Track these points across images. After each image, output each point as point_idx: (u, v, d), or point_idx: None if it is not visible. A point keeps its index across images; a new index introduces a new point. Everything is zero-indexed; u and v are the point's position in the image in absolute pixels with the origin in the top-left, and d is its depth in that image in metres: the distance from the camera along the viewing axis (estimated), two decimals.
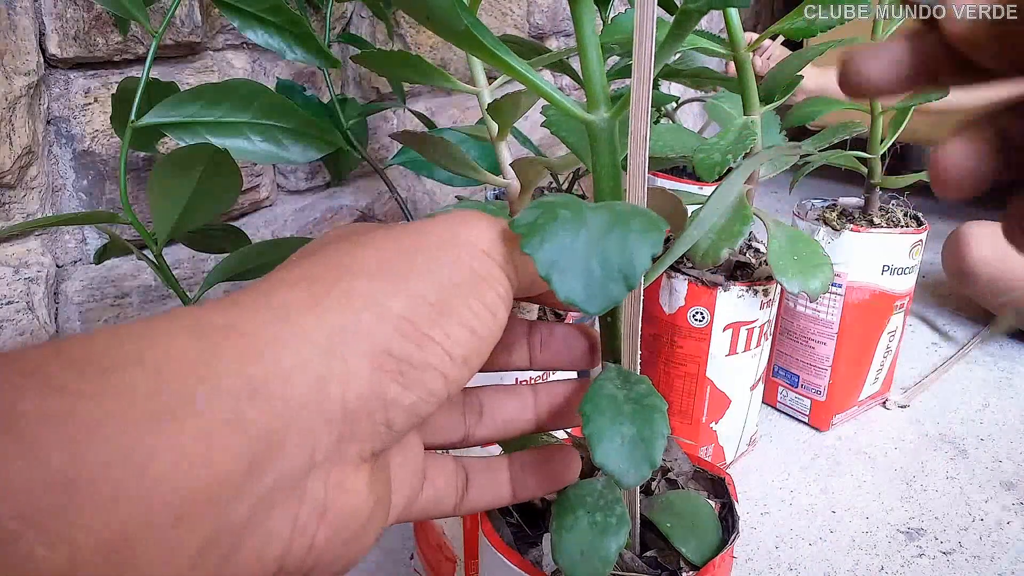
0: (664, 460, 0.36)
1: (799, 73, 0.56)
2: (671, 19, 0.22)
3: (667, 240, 0.69)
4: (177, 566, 0.14)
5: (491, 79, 0.54)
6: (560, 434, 0.35)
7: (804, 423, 0.77)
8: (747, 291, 0.59)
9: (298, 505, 0.17)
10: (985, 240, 0.84)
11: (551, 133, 0.33)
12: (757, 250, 0.66)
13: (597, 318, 0.25)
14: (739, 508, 0.33)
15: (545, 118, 0.34)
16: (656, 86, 0.74)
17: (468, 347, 0.19)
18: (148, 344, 0.15)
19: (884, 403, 0.81)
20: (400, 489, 0.22)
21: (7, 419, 0.13)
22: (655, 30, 0.21)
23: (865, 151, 0.71)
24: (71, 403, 0.13)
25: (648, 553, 0.31)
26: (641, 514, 0.31)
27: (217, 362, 0.15)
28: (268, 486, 0.16)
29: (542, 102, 0.31)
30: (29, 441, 0.12)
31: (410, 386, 0.18)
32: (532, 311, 0.50)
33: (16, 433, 0.12)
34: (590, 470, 0.30)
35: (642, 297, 0.26)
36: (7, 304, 0.54)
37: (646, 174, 0.24)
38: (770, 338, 0.66)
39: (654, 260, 0.20)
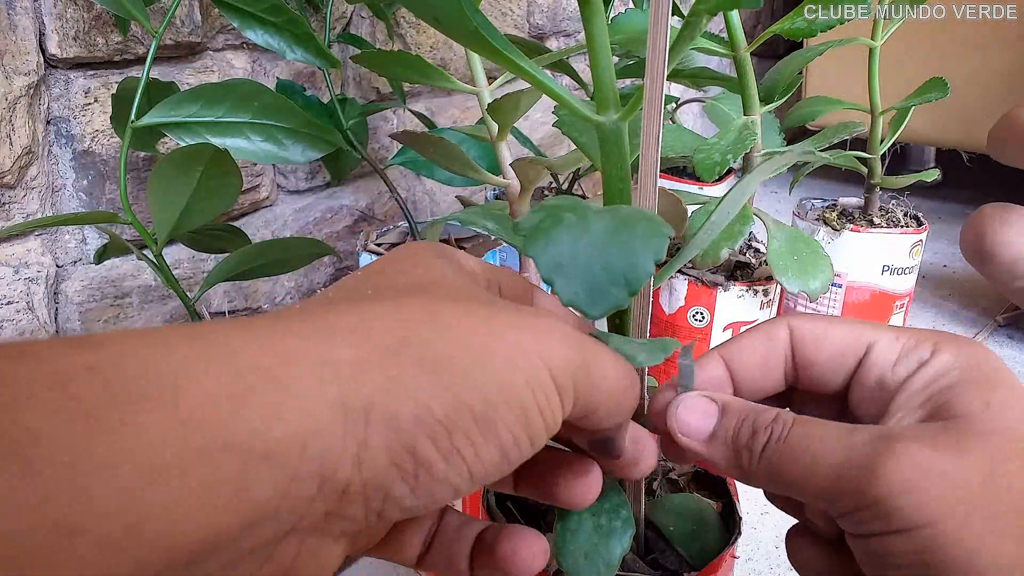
0: (665, 460, 0.36)
1: None
2: (673, 20, 0.22)
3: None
4: None
5: (491, 79, 0.54)
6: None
7: None
8: (747, 291, 0.59)
9: (262, 565, 0.16)
10: (1006, 222, 0.84)
11: (562, 133, 0.33)
12: (757, 250, 0.66)
13: (605, 320, 0.25)
14: (740, 508, 0.33)
15: (556, 118, 0.34)
16: None
17: (491, 470, 0.18)
18: (183, 379, 0.14)
19: None
20: (362, 537, 0.21)
21: (19, 438, 0.12)
22: (669, 31, 0.21)
23: (865, 151, 0.71)
24: (89, 434, 0.12)
25: (649, 555, 0.31)
26: (643, 516, 0.31)
27: (243, 413, 0.14)
28: (246, 547, 0.15)
29: (542, 102, 0.31)
30: (37, 471, 0.12)
31: (418, 492, 0.17)
32: None
33: (25, 460, 0.12)
34: None
35: (651, 300, 0.26)
36: (7, 304, 0.54)
37: (658, 175, 0.24)
38: None
39: (658, 266, 0.20)
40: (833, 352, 0.25)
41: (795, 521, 0.27)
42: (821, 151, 0.65)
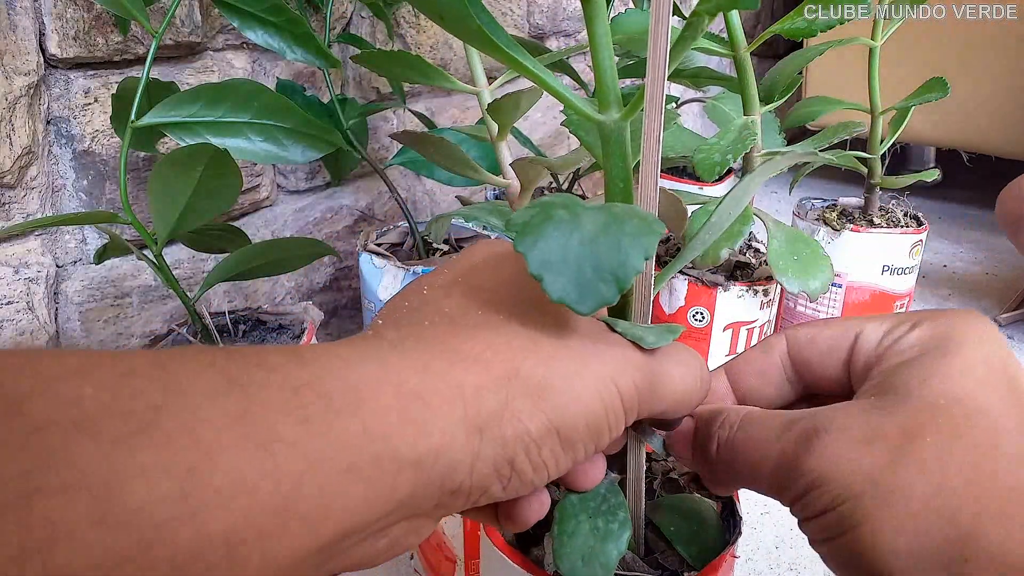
0: (666, 460, 0.36)
1: None
2: (673, 20, 0.22)
3: (667, 240, 0.69)
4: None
5: (491, 79, 0.54)
6: None
7: None
8: (747, 291, 0.59)
9: (379, 540, 0.19)
10: None
11: (570, 132, 0.33)
12: (757, 250, 0.66)
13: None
14: (740, 508, 0.33)
15: (557, 118, 0.34)
16: None
17: (563, 472, 0.21)
18: (363, 396, 0.18)
19: None
20: None
21: (267, 439, 0.16)
22: (670, 30, 0.21)
23: (865, 151, 0.71)
24: (309, 436, 0.16)
25: (650, 555, 0.31)
26: (644, 515, 0.31)
27: (404, 430, 0.18)
28: (376, 528, 0.18)
29: (542, 103, 0.31)
30: (276, 467, 0.15)
31: (508, 490, 0.20)
32: None
33: (269, 452, 0.15)
34: None
35: (651, 300, 0.26)
36: (7, 304, 0.54)
37: (659, 175, 0.23)
38: None
39: (657, 263, 0.20)
40: (825, 347, 0.26)
41: (796, 528, 0.27)
42: (821, 151, 0.66)
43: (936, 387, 0.22)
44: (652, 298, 0.26)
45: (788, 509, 0.23)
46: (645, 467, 0.30)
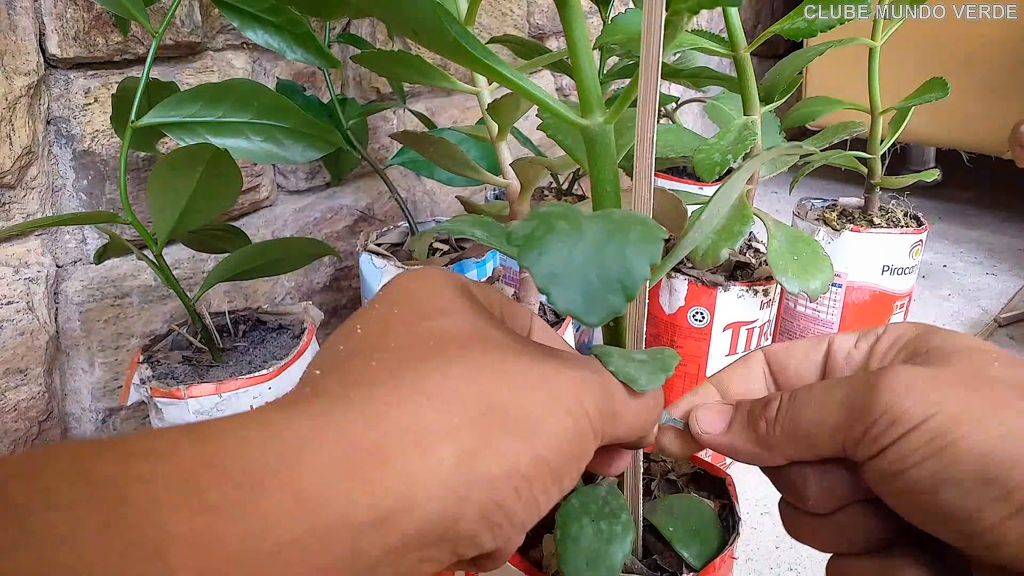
0: (664, 461, 0.36)
1: None
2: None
3: (668, 240, 0.69)
4: None
5: (491, 80, 0.54)
6: None
7: None
8: (747, 291, 0.59)
9: None
10: None
11: (547, 136, 0.33)
12: (757, 250, 0.66)
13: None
14: (740, 509, 0.33)
15: (541, 120, 0.33)
16: None
17: (546, 511, 0.20)
18: (298, 462, 0.15)
19: None
20: None
21: (156, 543, 0.13)
22: (663, 33, 0.21)
23: (865, 151, 0.71)
24: (221, 528, 0.14)
25: (649, 557, 0.31)
26: (642, 517, 0.31)
27: (355, 489, 0.16)
28: None
29: None
30: (175, 571, 0.13)
31: (497, 538, 0.19)
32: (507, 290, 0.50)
33: (165, 561, 0.13)
34: (591, 475, 0.30)
35: (647, 301, 0.26)
36: (7, 304, 0.54)
37: (652, 177, 0.23)
38: (770, 338, 0.66)
39: (653, 269, 0.20)
40: (801, 353, 0.28)
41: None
42: (821, 151, 0.66)
43: (968, 340, 0.23)
44: (647, 303, 0.26)
45: (851, 451, 0.23)
46: (643, 467, 0.30)
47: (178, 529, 0.13)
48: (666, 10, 0.20)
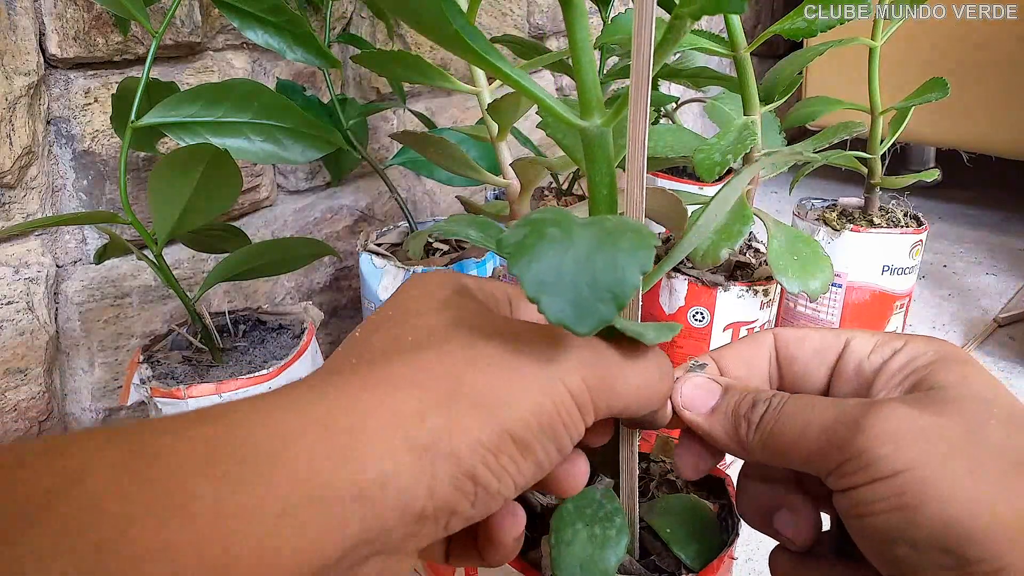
0: (663, 462, 0.36)
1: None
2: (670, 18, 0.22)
3: (668, 240, 0.69)
4: None
5: (491, 79, 0.54)
6: None
7: None
8: (747, 291, 0.59)
9: None
10: None
11: (547, 135, 0.33)
12: (757, 250, 0.66)
13: None
14: None
15: (541, 119, 0.33)
16: (656, 86, 0.74)
17: (530, 479, 0.21)
18: (290, 442, 0.17)
19: None
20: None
21: (182, 500, 0.15)
22: (653, 35, 0.21)
23: (865, 151, 0.71)
24: (235, 493, 0.16)
25: (647, 558, 0.31)
26: (640, 518, 0.31)
27: (338, 466, 0.18)
28: (340, 570, 0.18)
29: None
30: (195, 521, 0.15)
31: (477, 506, 0.20)
32: None
33: (187, 514, 0.15)
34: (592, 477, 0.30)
35: (640, 303, 0.26)
36: (7, 304, 0.54)
37: (644, 179, 0.23)
38: None
39: (656, 262, 0.19)
40: (815, 348, 0.27)
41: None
42: (821, 151, 0.66)
43: (978, 385, 0.22)
44: (640, 307, 0.26)
45: (825, 477, 0.23)
46: (641, 469, 0.30)
47: (200, 491, 0.15)
48: (668, 15, 0.20)
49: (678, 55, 0.70)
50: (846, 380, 0.26)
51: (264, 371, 0.48)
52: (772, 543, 0.28)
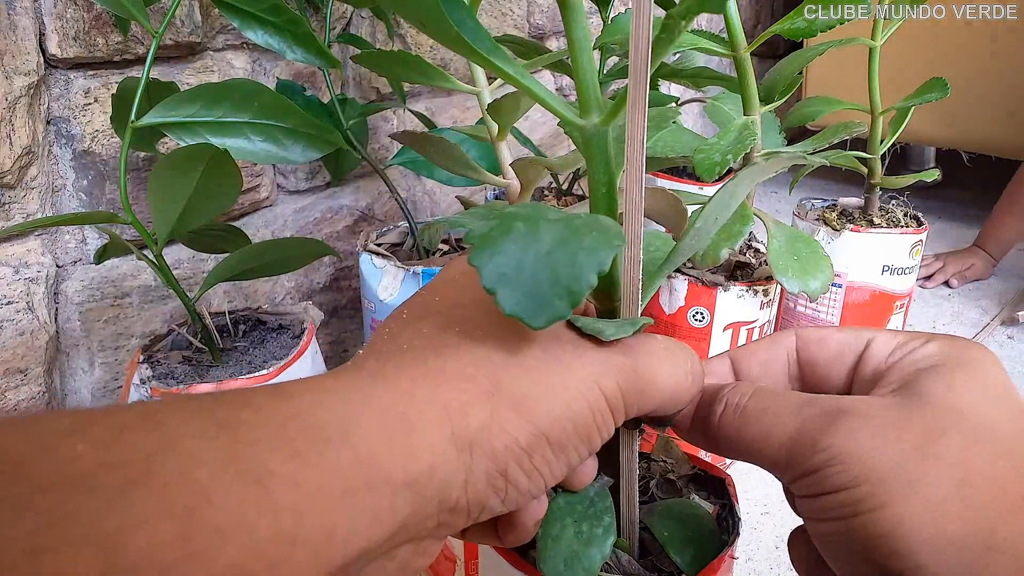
0: (664, 462, 0.36)
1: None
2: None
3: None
4: None
5: (491, 79, 0.54)
6: None
7: None
8: (747, 291, 0.59)
9: (387, 564, 0.20)
10: None
11: (565, 132, 0.33)
12: (757, 250, 0.66)
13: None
14: (739, 509, 0.33)
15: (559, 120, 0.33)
16: (655, 86, 0.74)
17: (559, 477, 0.22)
18: (352, 426, 0.18)
19: None
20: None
21: (259, 475, 0.16)
22: (651, 35, 0.21)
23: (865, 151, 0.71)
24: (304, 472, 0.17)
25: (646, 557, 0.31)
26: (640, 519, 0.31)
27: (393, 453, 0.18)
28: (382, 551, 0.19)
29: None
30: (275, 500, 0.16)
31: (507, 502, 0.21)
32: None
33: (264, 488, 0.16)
34: None
35: (639, 306, 0.26)
36: (7, 304, 0.54)
37: (643, 178, 0.23)
38: None
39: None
40: (835, 350, 0.27)
41: (797, 522, 0.27)
42: (821, 151, 0.66)
43: (960, 395, 0.22)
44: (640, 302, 0.25)
45: (785, 483, 0.24)
46: (641, 468, 0.30)
47: (276, 468, 0.16)
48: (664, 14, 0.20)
49: (678, 55, 0.70)
50: (863, 383, 0.26)
51: (264, 371, 0.48)
52: (772, 543, 0.28)
